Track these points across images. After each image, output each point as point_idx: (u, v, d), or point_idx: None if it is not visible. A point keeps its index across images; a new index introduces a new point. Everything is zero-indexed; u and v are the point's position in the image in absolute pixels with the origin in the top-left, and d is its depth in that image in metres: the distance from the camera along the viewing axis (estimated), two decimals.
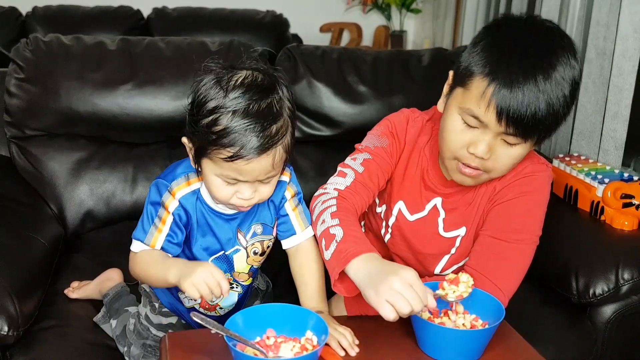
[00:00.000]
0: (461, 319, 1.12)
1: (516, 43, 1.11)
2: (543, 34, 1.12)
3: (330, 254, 1.11)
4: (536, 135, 1.12)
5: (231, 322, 1.03)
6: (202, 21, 3.44)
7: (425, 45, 3.91)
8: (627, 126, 1.94)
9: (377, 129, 1.34)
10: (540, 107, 1.07)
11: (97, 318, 1.43)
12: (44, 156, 1.80)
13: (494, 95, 1.07)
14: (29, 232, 1.54)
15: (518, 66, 1.07)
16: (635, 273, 1.49)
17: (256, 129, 1.05)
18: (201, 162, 1.12)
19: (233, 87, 1.07)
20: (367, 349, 1.10)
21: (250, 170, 1.08)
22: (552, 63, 1.08)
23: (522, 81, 1.06)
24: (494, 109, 1.08)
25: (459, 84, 1.15)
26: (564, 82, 1.08)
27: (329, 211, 1.17)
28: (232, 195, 1.12)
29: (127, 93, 1.79)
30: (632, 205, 1.65)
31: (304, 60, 1.96)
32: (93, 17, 3.36)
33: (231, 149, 1.05)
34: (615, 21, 1.96)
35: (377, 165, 1.28)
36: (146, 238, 1.17)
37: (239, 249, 1.23)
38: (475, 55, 1.12)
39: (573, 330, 1.53)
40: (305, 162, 1.97)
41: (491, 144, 1.12)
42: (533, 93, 1.06)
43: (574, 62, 1.10)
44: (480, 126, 1.12)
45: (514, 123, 1.08)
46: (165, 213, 1.17)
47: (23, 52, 1.78)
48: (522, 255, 1.23)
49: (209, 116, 1.06)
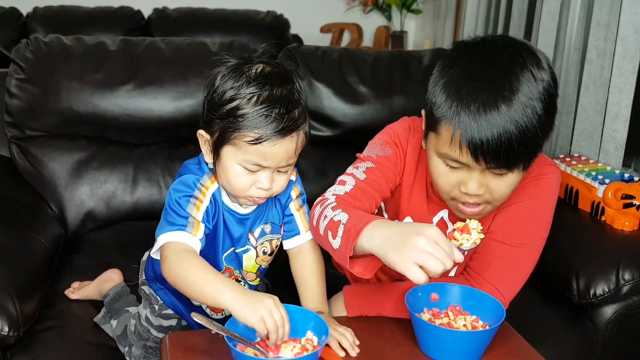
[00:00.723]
0: (462, 320, 1.12)
1: (472, 77, 1.06)
2: (497, 57, 1.07)
3: (340, 238, 1.06)
4: (521, 161, 1.08)
5: (232, 323, 1.03)
6: (202, 22, 3.44)
7: (426, 46, 3.91)
8: (627, 127, 1.94)
9: (379, 138, 1.30)
10: (513, 135, 1.03)
11: (97, 318, 1.43)
12: (44, 157, 1.80)
13: (463, 137, 1.04)
14: (30, 232, 1.54)
15: (478, 103, 1.03)
16: (636, 273, 1.49)
17: (281, 111, 1.07)
18: (221, 152, 1.12)
19: (254, 75, 1.09)
20: (367, 349, 1.10)
21: (274, 154, 1.09)
22: (513, 86, 1.03)
23: (486, 116, 1.02)
24: (468, 150, 1.05)
25: (430, 128, 1.13)
26: (532, 101, 1.04)
27: (329, 207, 1.13)
28: (250, 185, 1.12)
29: (128, 93, 1.79)
30: (632, 205, 1.65)
31: (304, 60, 1.96)
32: (94, 18, 3.36)
33: (258, 131, 1.07)
34: (616, 22, 1.96)
35: (380, 174, 1.24)
36: (187, 227, 1.11)
37: (249, 248, 1.23)
38: (436, 100, 1.09)
39: (574, 331, 1.53)
40: (306, 162, 1.97)
41: (481, 180, 1.09)
42: (501, 124, 1.02)
43: (540, 73, 1.06)
44: (463, 166, 1.09)
45: (492, 158, 1.05)
46: (199, 205, 1.14)
47: (24, 53, 1.78)
48: (526, 259, 1.23)
49: (231, 102, 1.08)
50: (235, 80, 1.09)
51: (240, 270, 1.25)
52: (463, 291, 1.16)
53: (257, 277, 1.29)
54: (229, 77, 1.10)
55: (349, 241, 1.03)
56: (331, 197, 1.18)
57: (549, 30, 2.35)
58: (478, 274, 1.22)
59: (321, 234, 1.13)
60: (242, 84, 1.08)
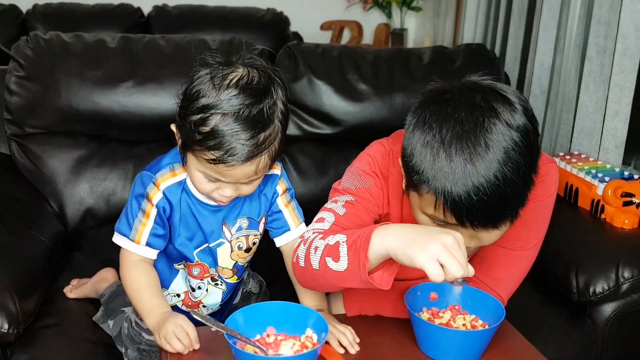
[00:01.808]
0: (461, 320, 1.12)
1: (445, 142, 0.99)
2: (467, 114, 0.99)
3: (345, 256, 1.00)
4: (508, 217, 1.03)
5: (231, 320, 1.03)
6: (202, 19, 3.44)
7: (426, 43, 3.91)
8: (627, 124, 1.94)
9: (357, 167, 1.24)
10: (496, 195, 0.97)
11: (96, 317, 1.43)
12: (44, 154, 1.80)
13: (446, 205, 0.99)
14: (29, 230, 1.54)
15: (456, 168, 0.97)
16: (636, 271, 1.49)
17: (244, 136, 1.03)
18: (185, 154, 1.12)
19: (227, 87, 1.04)
20: (367, 348, 1.10)
21: (232, 174, 1.08)
22: (489, 145, 0.97)
23: (466, 181, 0.97)
24: (452, 216, 1.00)
25: (411, 186, 1.07)
26: (510, 153, 0.97)
27: (317, 239, 1.07)
28: (213, 190, 1.12)
29: (128, 91, 1.79)
30: (632, 203, 1.65)
31: (304, 58, 1.96)
32: (93, 15, 3.35)
33: (216, 153, 1.04)
34: (616, 19, 1.96)
35: (361, 207, 1.18)
36: (131, 233, 1.16)
37: (223, 242, 1.22)
38: (410, 161, 1.04)
39: (573, 329, 1.54)
40: (306, 160, 1.97)
41: (472, 234, 1.04)
42: (483, 186, 0.96)
43: (514, 118, 0.98)
44: (451, 225, 1.03)
45: (479, 221, 1.00)
46: (149, 206, 1.16)
47: (23, 50, 1.78)
48: (524, 261, 1.23)
49: (198, 114, 1.05)
50: (210, 87, 1.05)
51: (216, 267, 1.24)
52: (462, 291, 1.16)
53: (234, 275, 1.28)
54: (203, 83, 1.06)
55: (359, 252, 0.98)
56: (312, 234, 1.11)
57: (549, 28, 2.35)
58: (477, 277, 1.22)
59: (316, 268, 1.05)
60: (212, 97, 1.04)
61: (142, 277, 1.16)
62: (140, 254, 1.17)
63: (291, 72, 1.93)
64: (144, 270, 1.17)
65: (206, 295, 1.28)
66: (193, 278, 1.26)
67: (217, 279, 1.27)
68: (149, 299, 1.14)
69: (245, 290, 1.43)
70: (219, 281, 1.27)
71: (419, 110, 1.06)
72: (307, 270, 1.07)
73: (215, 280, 1.27)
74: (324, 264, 1.03)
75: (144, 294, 1.15)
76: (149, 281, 1.16)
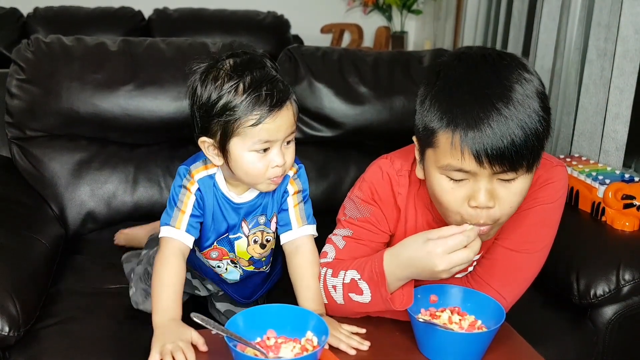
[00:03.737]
0: (461, 322, 1.11)
1: (460, 83, 1.03)
2: (482, 62, 1.05)
3: (368, 290, 1.12)
4: (525, 161, 1.02)
5: (232, 323, 1.03)
6: (203, 22, 3.44)
7: (426, 46, 3.91)
8: (628, 127, 1.94)
9: (357, 194, 1.26)
10: (515, 134, 0.99)
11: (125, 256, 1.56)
12: (45, 157, 1.80)
13: (464, 141, 1.00)
14: (30, 232, 1.54)
15: (474, 104, 1.00)
16: (636, 274, 1.49)
17: (267, 88, 1.12)
18: (229, 148, 1.15)
19: (229, 69, 1.14)
20: (367, 351, 1.10)
21: (278, 127, 1.13)
22: (506, 85, 1.01)
23: (485, 116, 0.99)
24: (470, 154, 1.00)
25: (426, 145, 1.09)
26: (528, 99, 1.01)
27: (329, 277, 1.19)
28: (266, 168, 1.16)
29: (128, 94, 1.79)
30: (633, 206, 1.65)
31: (304, 61, 1.96)
32: (94, 18, 3.36)
33: (256, 113, 1.11)
34: (616, 22, 1.96)
35: (360, 240, 1.23)
36: (171, 220, 1.21)
37: (241, 236, 1.28)
38: (428, 114, 1.06)
39: (574, 332, 1.53)
40: (307, 163, 1.93)
41: (489, 189, 1.04)
42: (501, 123, 0.99)
43: (528, 75, 1.03)
44: (468, 176, 1.04)
45: (496, 160, 1.00)
46: (187, 194, 1.22)
47: (24, 53, 1.78)
48: (532, 265, 1.23)
49: (220, 100, 1.12)
50: (214, 81, 1.14)
51: (235, 254, 1.30)
52: (462, 293, 1.16)
53: (251, 265, 1.34)
54: (207, 81, 1.15)
55: (379, 285, 1.10)
56: (322, 269, 1.22)
57: (549, 31, 2.35)
58: (482, 279, 1.22)
59: (341, 303, 1.17)
60: (222, 82, 1.13)
61: (172, 273, 1.18)
62: (179, 239, 1.20)
63: (292, 75, 1.93)
64: (177, 267, 1.19)
65: (226, 272, 1.35)
66: (212, 260, 1.33)
67: (237, 263, 1.33)
68: (167, 298, 1.16)
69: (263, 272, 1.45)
70: (238, 265, 1.34)
71: (432, 69, 1.12)
72: (331, 304, 1.19)
73: (234, 263, 1.33)
74: (349, 299, 1.16)
75: (166, 290, 1.16)
76: (176, 282, 1.18)
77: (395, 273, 1.10)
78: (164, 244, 1.21)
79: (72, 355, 1.30)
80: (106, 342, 1.37)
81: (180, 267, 1.19)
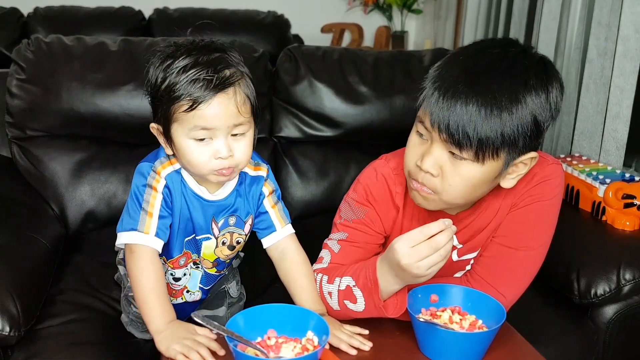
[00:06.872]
0: (462, 322, 1.11)
1: (457, 54, 1.12)
2: (499, 57, 1.07)
3: (362, 298, 1.13)
4: (473, 146, 1.04)
5: (232, 323, 1.03)
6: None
7: (427, 46, 3.91)
8: (628, 126, 1.94)
9: (352, 196, 1.27)
10: (471, 111, 1.03)
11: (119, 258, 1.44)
12: (45, 157, 1.80)
13: (431, 99, 1.07)
14: (31, 232, 1.54)
15: (459, 76, 1.05)
16: (637, 273, 1.49)
17: (209, 72, 1.06)
18: (171, 135, 1.11)
19: (182, 52, 1.09)
20: (367, 351, 1.10)
21: (215, 114, 1.07)
22: (506, 88, 1.03)
23: (460, 90, 1.04)
24: (429, 114, 1.07)
25: (420, 104, 1.14)
26: (517, 112, 1.03)
27: (324, 282, 1.20)
28: (209, 157, 1.10)
29: (129, 94, 1.79)
30: (633, 205, 1.65)
31: (305, 60, 1.96)
32: (94, 18, 3.35)
33: (190, 97, 1.06)
34: (617, 21, 1.96)
35: (354, 243, 1.24)
36: (139, 225, 1.13)
37: (210, 237, 1.23)
38: (426, 78, 1.13)
39: (575, 331, 1.53)
40: (306, 162, 1.97)
41: (437, 158, 1.09)
42: (467, 97, 1.03)
43: (535, 97, 1.05)
44: (428, 136, 1.10)
45: (445, 128, 1.05)
46: (153, 193, 1.15)
47: (24, 53, 1.78)
48: (531, 262, 1.23)
49: (163, 82, 1.08)
50: (164, 63, 1.09)
51: (199, 255, 1.25)
52: (463, 292, 1.16)
53: (214, 267, 1.29)
54: (159, 63, 1.10)
55: (373, 293, 1.12)
56: (317, 275, 1.23)
57: (549, 30, 2.35)
58: (482, 277, 1.22)
59: (337, 309, 1.18)
60: (171, 63, 1.08)
61: (152, 278, 1.13)
62: (150, 245, 1.13)
63: (292, 75, 1.93)
64: (156, 271, 1.14)
65: (189, 279, 1.29)
66: (179, 269, 1.26)
67: (199, 264, 1.27)
68: (157, 303, 1.11)
69: (223, 288, 1.41)
70: (200, 266, 1.28)
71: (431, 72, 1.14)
72: (328, 310, 1.20)
73: (197, 264, 1.27)
74: (344, 306, 1.17)
75: (152, 296, 1.12)
76: (160, 285, 1.13)
77: (387, 278, 1.10)
78: (134, 251, 1.13)
79: (72, 355, 1.30)
80: (106, 342, 1.37)
81: (159, 269, 1.14)
